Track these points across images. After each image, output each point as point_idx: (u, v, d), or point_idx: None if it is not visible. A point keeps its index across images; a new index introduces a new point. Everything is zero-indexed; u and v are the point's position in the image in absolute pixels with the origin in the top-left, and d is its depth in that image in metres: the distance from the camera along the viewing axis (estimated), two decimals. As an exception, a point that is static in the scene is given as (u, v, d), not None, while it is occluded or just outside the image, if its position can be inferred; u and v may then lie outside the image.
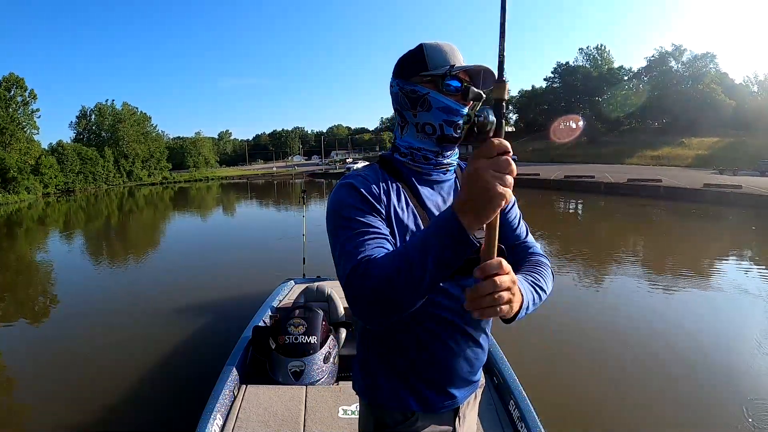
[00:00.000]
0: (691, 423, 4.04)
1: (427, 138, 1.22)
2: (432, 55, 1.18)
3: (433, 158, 1.24)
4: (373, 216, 1.10)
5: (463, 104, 1.18)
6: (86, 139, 59.07)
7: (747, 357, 5.27)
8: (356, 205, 1.10)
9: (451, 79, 1.16)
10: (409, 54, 1.22)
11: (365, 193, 1.13)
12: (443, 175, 1.29)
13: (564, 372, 4.98)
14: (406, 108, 1.23)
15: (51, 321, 7.69)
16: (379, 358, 1.26)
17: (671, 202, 21.56)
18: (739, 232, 14.67)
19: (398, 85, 1.23)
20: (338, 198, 1.13)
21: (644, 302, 7.33)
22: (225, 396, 3.12)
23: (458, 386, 1.26)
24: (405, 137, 1.26)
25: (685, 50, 59.04)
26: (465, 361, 1.25)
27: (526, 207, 14.08)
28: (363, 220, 1.08)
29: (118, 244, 16.98)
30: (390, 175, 1.22)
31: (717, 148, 46.01)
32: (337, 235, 1.08)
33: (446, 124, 1.18)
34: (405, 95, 1.21)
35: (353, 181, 1.15)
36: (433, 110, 1.18)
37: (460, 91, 1.17)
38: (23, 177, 41.35)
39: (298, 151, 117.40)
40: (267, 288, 5.90)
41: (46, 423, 4.33)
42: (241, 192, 42.26)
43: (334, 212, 1.12)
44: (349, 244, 1.04)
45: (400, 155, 1.27)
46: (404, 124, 1.26)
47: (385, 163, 1.27)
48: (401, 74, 1.23)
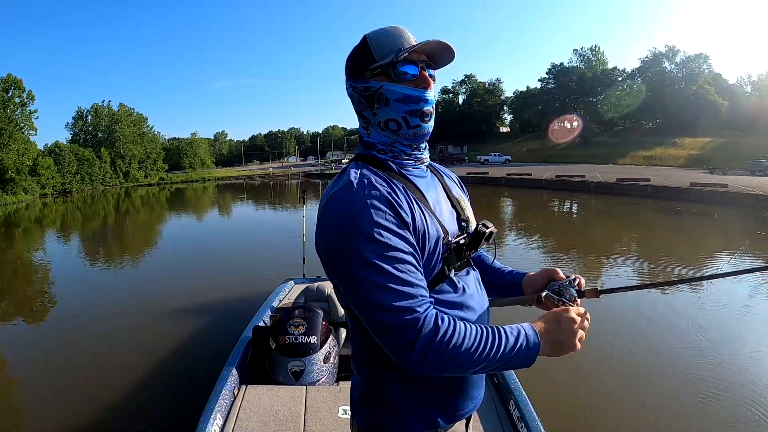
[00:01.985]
0: (690, 423, 4.05)
1: (394, 135, 1.11)
2: (377, 44, 1.06)
3: (411, 153, 1.14)
4: (410, 239, 0.97)
5: (423, 88, 1.07)
6: (83, 140, 58.88)
7: (745, 355, 5.29)
8: (390, 226, 0.94)
9: (403, 65, 1.05)
10: (355, 49, 1.11)
11: (395, 204, 0.97)
12: (424, 171, 1.19)
13: (564, 372, 4.88)
14: (364, 108, 1.11)
15: (50, 321, 7.67)
16: (399, 381, 1.09)
17: (658, 200, 21.99)
18: (724, 228, 15.09)
19: (351, 85, 1.12)
20: (360, 214, 0.93)
21: (640, 300, 7.31)
22: (225, 396, 3.11)
23: (478, 384, 1.20)
24: (373, 135, 1.14)
25: (679, 51, 59.35)
26: (478, 384, 1.21)
27: (518, 206, 14.89)
28: (403, 249, 0.94)
29: (118, 245, 16.90)
30: (388, 175, 1.07)
31: (709, 148, 46.42)
32: (365, 262, 0.91)
33: (409, 115, 1.07)
34: (360, 95, 1.11)
35: (372, 191, 0.97)
36: (391, 104, 1.07)
37: (417, 76, 1.07)
38: (21, 178, 41.37)
39: (294, 152, 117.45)
40: (267, 288, 5.87)
41: (46, 423, 4.32)
42: (238, 193, 42.20)
43: (356, 231, 0.92)
44: (395, 282, 0.91)
45: (378, 152, 1.13)
46: (367, 125, 1.14)
47: (370, 160, 1.12)
48: (351, 73, 1.12)
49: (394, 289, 0.91)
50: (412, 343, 0.90)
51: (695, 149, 47.57)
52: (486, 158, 51.69)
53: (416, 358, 0.90)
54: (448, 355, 0.90)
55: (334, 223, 0.96)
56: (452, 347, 0.91)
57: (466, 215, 1.20)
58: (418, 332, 0.90)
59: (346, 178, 1.02)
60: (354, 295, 0.95)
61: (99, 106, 60.08)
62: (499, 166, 46.90)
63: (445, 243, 1.06)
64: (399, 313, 0.90)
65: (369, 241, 0.91)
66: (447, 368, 0.93)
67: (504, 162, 50.66)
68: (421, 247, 1.01)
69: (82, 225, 23.36)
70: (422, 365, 0.91)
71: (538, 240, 13.91)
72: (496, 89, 77.46)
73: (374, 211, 0.93)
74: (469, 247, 1.12)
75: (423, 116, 1.08)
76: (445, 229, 1.08)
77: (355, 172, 1.04)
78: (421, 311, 0.91)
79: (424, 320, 0.90)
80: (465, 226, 1.18)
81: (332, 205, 0.98)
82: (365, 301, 0.93)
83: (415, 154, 1.14)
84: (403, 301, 0.90)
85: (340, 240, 0.94)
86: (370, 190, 0.96)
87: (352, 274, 0.93)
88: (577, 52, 69.03)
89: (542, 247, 12.98)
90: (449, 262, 1.07)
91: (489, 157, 51.70)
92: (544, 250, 12.46)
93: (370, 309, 0.93)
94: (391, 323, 0.91)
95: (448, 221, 1.13)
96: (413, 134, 1.10)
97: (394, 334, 0.91)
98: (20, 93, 45.69)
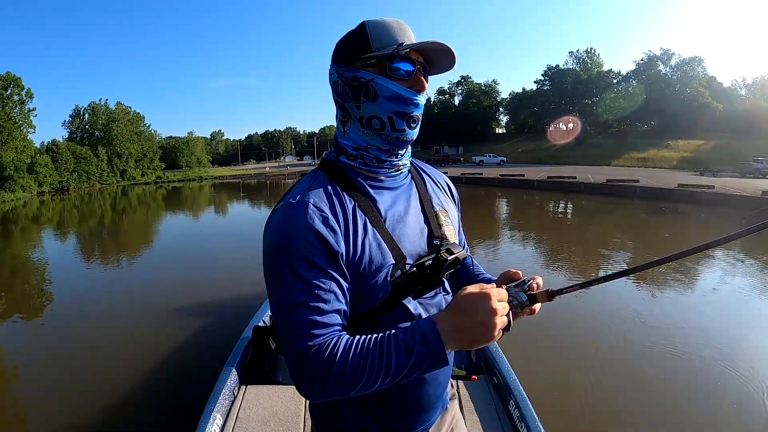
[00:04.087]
0: (691, 422, 4.07)
1: (375, 135, 1.03)
2: (376, 34, 0.99)
3: (386, 159, 1.06)
4: (331, 271, 0.93)
5: (416, 91, 1.01)
6: (80, 138, 58.73)
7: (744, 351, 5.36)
8: (312, 257, 0.91)
9: (400, 61, 0.98)
10: (349, 34, 1.03)
11: (324, 235, 0.93)
12: (399, 179, 1.11)
13: (564, 372, 4.90)
14: (348, 99, 1.04)
15: (49, 320, 7.57)
16: (348, 402, 1.07)
17: (645, 201, 22.51)
18: (702, 228, 15.54)
19: (337, 71, 1.04)
20: (289, 236, 0.92)
21: (635, 298, 7.43)
22: (225, 396, 3.11)
23: (428, 409, 1.12)
24: (349, 135, 1.07)
25: (674, 54, 59.75)
26: (434, 382, 1.11)
27: (510, 206, 15.41)
28: (319, 282, 0.91)
29: (116, 243, 16.78)
30: (343, 188, 1.01)
31: (702, 151, 46.77)
32: (283, 285, 0.91)
33: (397, 117, 1.01)
34: (345, 83, 1.02)
35: (305, 216, 0.93)
36: (379, 100, 1.00)
37: (412, 75, 1.00)
38: (19, 176, 41.35)
39: (291, 152, 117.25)
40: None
41: (46, 423, 4.32)
42: (235, 192, 42.08)
43: (282, 254, 0.92)
44: (302, 312, 0.90)
45: (347, 158, 1.07)
46: (346, 119, 1.07)
47: (332, 170, 1.06)
48: (340, 58, 1.04)
49: (301, 310, 0.90)
50: (299, 377, 0.89)
51: (688, 151, 47.97)
52: (481, 159, 51.82)
53: (303, 388, 0.90)
54: (332, 381, 0.87)
55: (267, 239, 0.96)
56: (339, 363, 0.86)
57: (440, 232, 1.11)
58: (303, 365, 0.88)
59: (289, 197, 0.99)
60: (271, 307, 0.96)
61: (96, 105, 59.90)
62: (493, 167, 47.03)
63: (399, 268, 1.00)
64: (297, 328, 0.90)
65: (288, 265, 0.91)
66: (336, 392, 0.88)
67: (499, 163, 50.79)
68: (360, 274, 0.97)
69: (79, 223, 23.32)
70: (312, 395, 0.90)
71: (521, 237, 14.23)
72: (492, 90, 77.94)
73: (299, 240, 0.91)
74: (433, 271, 1.03)
75: (410, 121, 1.02)
76: (401, 253, 1.01)
77: (301, 189, 1.00)
78: (313, 344, 0.88)
79: (314, 351, 0.88)
80: (438, 245, 1.07)
81: (272, 220, 0.97)
82: (279, 309, 0.93)
83: (390, 161, 1.07)
84: (303, 324, 0.90)
85: (268, 256, 0.95)
86: (304, 216, 0.93)
87: (271, 281, 0.94)
88: (572, 54, 69.49)
89: (525, 244, 13.29)
90: (402, 288, 1.00)
91: (484, 158, 51.84)
92: (525, 247, 12.83)
93: (278, 314, 0.93)
94: (287, 330, 0.91)
95: (412, 241, 1.05)
96: (395, 138, 1.03)
97: (289, 360, 0.91)
98: (19, 91, 45.63)
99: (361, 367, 0.86)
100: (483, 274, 1.27)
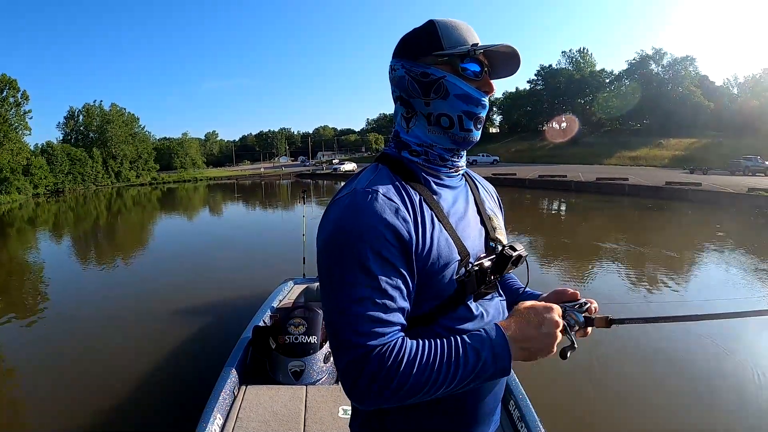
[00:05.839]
0: (691, 422, 4.08)
1: (442, 133, 1.02)
2: (447, 33, 0.99)
3: (449, 158, 1.05)
4: (399, 265, 0.88)
5: (485, 92, 1.01)
6: (74, 139, 58.53)
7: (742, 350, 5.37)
8: (381, 249, 0.86)
9: (470, 62, 0.98)
10: (418, 30, 1.02)
11: (396, 226, 0.88)
12: (457, 180, 1.09)
13: (564, 372, 4.86)
14: (416, 95, 1.01)
15: (47, 321, 7.48)
16: (399, 411, 0.99)
17: (634, 198, 23.05)
18: (685, 224, 16.10)
19: (404, 66, 1.02)
20: (356, 226, 0.87)
21: (632, 296, 7.45)
22: (225, 396, 3.10)
23: (484, 422, 1.08)
24: (413, 131, 1.04)
25: (666, 53, 60.16)
26: (491, 393, 1.07)
27: (503, 204, 16.22)
28: (387, 276, 0.87)
29: (113, 245, 16.71)
30: (408, 184, 0.98)
31: (693, 149, 47.23)
32: (346, 279, 0.86)
33: (466, 116, 1.00)
34: (414, 79, 1.00)
35: (375, 205, 0.89)
36: (450, 98, 0.99)
37: (480, 77, 1.00)
38: (15, 178, 41.24)
39: (285, 152, 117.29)
40: (267, 288, 5.89)
41: (46, 423, 4.33)
42: (230, 192, 41.92)
43: (347, 245, 0.87)
44: (366, 308, 0.85)
45: (410, 154, 1.04)
46: (411, 116, 1.05)
47: (395, 164, 1.03)
48: (408, 54, 1.02)
49: (362, 314, 0.85)
50: (355, 380, 0.84)
51: (679, 150, 48.39)
52: (474, 159, 51.43)
53: (357, 393, 0.85)
54: (394, 388, 0.83)
55: (328, 229, 0.91)
56: (399, 378, 0.82)
57: (495, 234, 1.11)
58: (362, 367, 0.83)
59: (355, 185, 0.95)
60: (325, 302, 0.91)
61: (90, 106, 59.67)
62: (486, 166, 47.08)
63: (464, 265, 0.98)
64: (356, 339, 0.84)
65: (353, 257, 0.86)
66: (394, 400, 0.84)
67: (492, 162, 50.87)
68: (427, 270, 0.93)
69: (75, 225, 23.30)
70: (366, 401, 0.85)
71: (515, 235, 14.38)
72: (485, 90, 77.83)
73: (368, 231, 0.86)
74: (494, 271, 1.02)
75: (477, 122, 1.02)
76: (465, 250, 0.99)
77: (366, 178, 0.97)
78: (375, 344, 0.84)
79: (376, 354, 0.83)
80: (493, 247, 1.08)
81: (334, 210, 0.93)
82: (329, 315, 0.89)
83: (452, 160, 1.06)
84: (364, 330, 0.84)
85: (329, 246, 0.90)
86: (373, 205, 0.88)
87: (328, 283, 0.89)
88: (565, 54, 69.93)
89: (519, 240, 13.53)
90: (467, 286, 0.98)
91: (477, 158, 51.65)
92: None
93: (331, 323, 0.89)
94: (342, 347, 0.86)
95: (474, 241, 1.04)
96: (462, 138, 1.02)
97: (345, 361, 0.86)
98: (14, 93, 45.45)
99: (428, 373, 0.83)
100: (522, 287, 1.28)
